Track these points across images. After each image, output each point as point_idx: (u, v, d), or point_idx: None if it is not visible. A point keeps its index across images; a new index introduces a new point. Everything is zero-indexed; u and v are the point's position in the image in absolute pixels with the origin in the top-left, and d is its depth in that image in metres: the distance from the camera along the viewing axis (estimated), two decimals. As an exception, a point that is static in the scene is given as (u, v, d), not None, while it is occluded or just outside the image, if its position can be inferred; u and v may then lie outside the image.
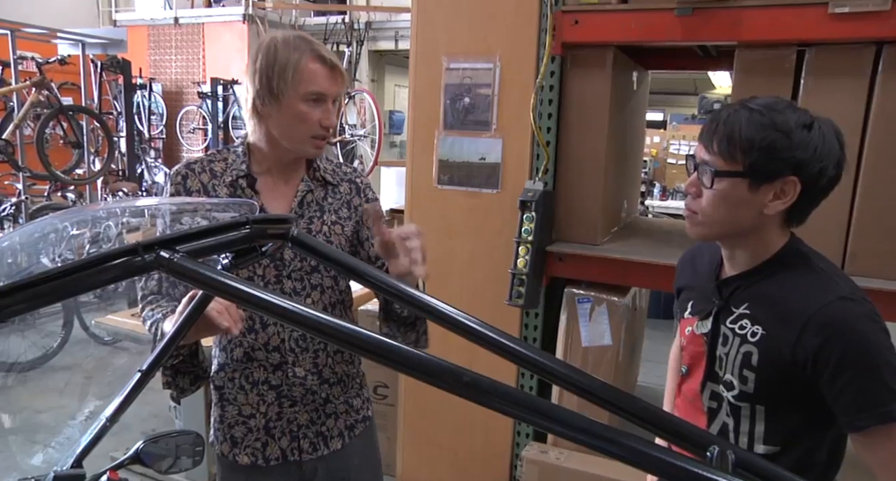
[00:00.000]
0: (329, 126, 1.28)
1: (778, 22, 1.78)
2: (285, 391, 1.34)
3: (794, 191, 1.03)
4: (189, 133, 8.23)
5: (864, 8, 1.71)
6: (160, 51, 8.67)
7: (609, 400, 0.55)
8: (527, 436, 2.34)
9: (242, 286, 0.53)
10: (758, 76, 1.90)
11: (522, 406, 0.47)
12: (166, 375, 1.21)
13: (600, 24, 1.97)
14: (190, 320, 0.95)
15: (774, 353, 1.05)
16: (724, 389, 1.14)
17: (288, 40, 1.25)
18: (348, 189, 1.43)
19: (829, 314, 1.00)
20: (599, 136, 2.10)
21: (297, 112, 1.25)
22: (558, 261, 2.15)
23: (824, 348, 0.99)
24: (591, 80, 2.08)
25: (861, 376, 0.98)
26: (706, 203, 1.07)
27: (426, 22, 2.24)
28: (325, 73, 1.25)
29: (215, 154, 1.35)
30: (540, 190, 2.05)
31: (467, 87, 2.20)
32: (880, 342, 0.99)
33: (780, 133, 1.00)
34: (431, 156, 2.30)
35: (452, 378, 0.49)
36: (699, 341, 1.19)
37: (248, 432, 1.35)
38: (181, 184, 1.31)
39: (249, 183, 1.32)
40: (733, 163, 1.03)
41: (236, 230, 0.61)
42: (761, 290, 1.10)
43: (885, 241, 1.80)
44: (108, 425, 1.11)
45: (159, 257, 0.54)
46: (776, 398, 1.09)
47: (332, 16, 7.96)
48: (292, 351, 1.32)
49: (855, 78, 1.80)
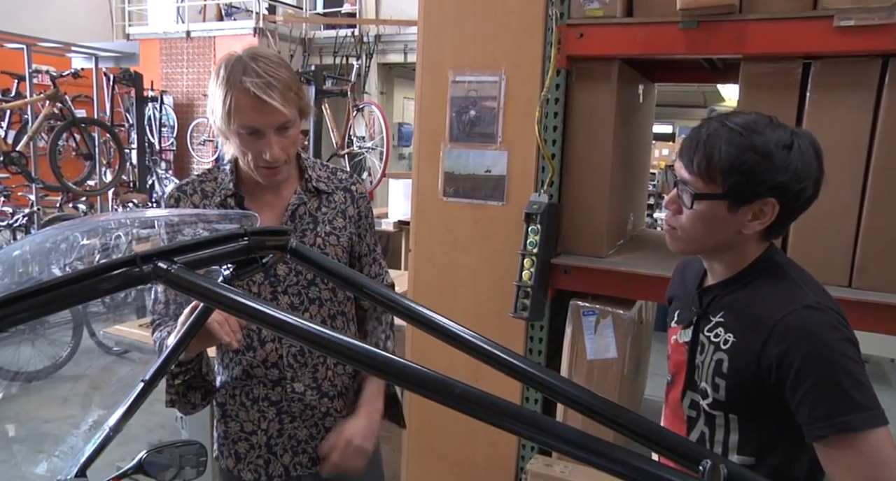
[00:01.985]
0: (271, 159, 1.22)
1: (783, 35, 1.79)
2: (285, 407, 1.33)
3: (772, 211, 1.03)
4: (199, 145, 8.31)
5: (869, 21, 1.71)
6: (172, 64, 8.79)
7: (599, 412, 0.55)
8: (532, 449, 2.32)
9: (239, 297, 0.54)
10: (763, 89, 1.89)
11: (512, 417, 0.47)
12: (171, 393, 1.21)
13: (605, 38, 1.98)
14: (192, 331, 0.95)
15: (742, 360, 1.06)
16: (700, 397, 1.15)
17: (229, 64, 1.20)
18: (343, 197, 1.41)
19: (792, 322, 1.00)
20: (605, 149, 2.10)
21: (237, 143, 1.22)
22: (563, 273, 2.15)
23: (786, 355, 0.99)
24: (596, 93, 2.09)
25: (820, 385, 0.97)
26: (686, 221, 1.08)
27: (432, 36, 2.26)
28: (253, 106, 1.18)
29: (206, 174, 1.35)
30: (545, 202, 2.05)
31: (473, 100, 2.22)
32: (842, 351, 0.98)
33: (759, 155, 1.00)
34: (437, 169, 2.31)
35: (445, 389, 0.49)
36: (681, 350, 1.20)
37: (250, 449, 1.35)
38: (175, 207, 1.31)
39: (238, 201, 1.30)
40: (713, 185, 1.03)
41: (234, 242, 0.62)
42: (735, 299, 1.11)
43: (892, 256, 1.78)
44: (111, 435, 1.12)
45: (157, 268, 0.55)
46: (747, 406, 1.08)
47: (342, 29, 8.05)
48: (291, 366, 1.32)
49: (861, 91, 1.80)
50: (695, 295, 1.18)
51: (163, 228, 0.93)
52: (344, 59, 7.77)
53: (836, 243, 1.82)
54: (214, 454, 1.40)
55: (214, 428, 1.40)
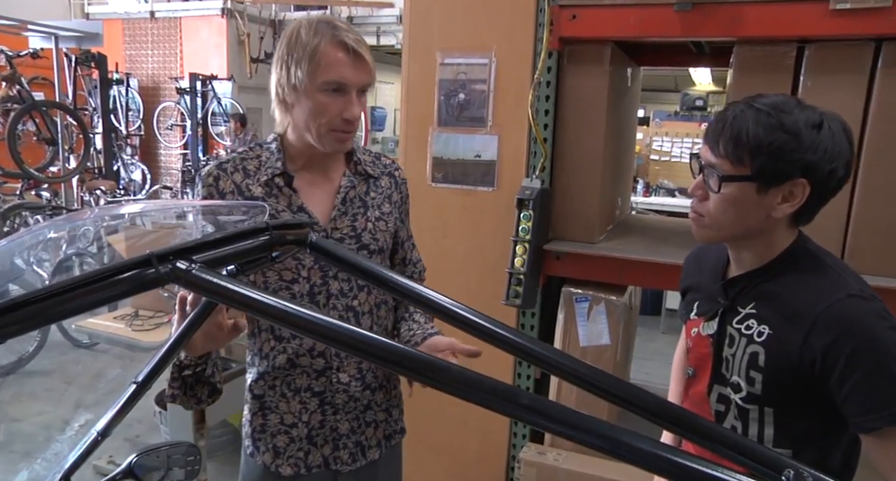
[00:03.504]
0: (351, 118, 1.19)
1: (778, 18, 1.76)
2: (328, 397, 1.30)
3: (803, 193, 1.00)
4: (166, 130, 8.08)
5: (865, 4, 1.70)
6: (136, 45, 8.50)
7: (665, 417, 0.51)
8: (523, 437, 2.31)
9: (276, 302, 0.48)
10: (757, 73, 1.88)
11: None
12: (174, 388, 1.14)
13: (599, 19, 1.94)
14: (191, 329, 0.89)
15: (781, 353, 1.03)
16: (731, 391, 1.12)
17: (311, 24, 1.17)
18: (388, 183, 1.38)
19: (838, 312, 0.98)
20: (597, 133, 2.07)
21: (316, 103, 1.17)
22: (556, 260, 2.12)
23: (833, 347, 0.97)
24: (588, 77, 2.05)
25: (871, 376, 0.95)
26: (713, 207, 1.04)
27: (419, 16, 2.19)
28: (346, 61, 1.16)
29: (247, 151, 1.28)
30: (538, 188, 2.02)
31: (462, 83, 2.16)
32: (891, 340, 0.96)
33: (788, 135, 0.97)
34: (425, 154, 2.25)
35: (511, 397, 0.45)
36: (705, 343, 1.17)
37: (290, 442, 1.31)
38: (213, 186, 1.23)
39: (286, 181, 1.25)
40: (741, 167, 1.00)
41: (256, 237, 0.56)
42: (768, 289, 1.07)
43: (884, 238, 1.79)
44: (99, 439, 1.05)
45: (176, 269, 0.49)
46: (784, 400, 1.06)
47: (313, 10, 7.86)
48: (337, 355, 1.29)
49: (854, 74, 1.79)
50: (719, 286, 1.15)
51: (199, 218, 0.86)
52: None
53: (829, 227, 1.82)
54: (248, 450, 1.34)
55: (248, 423, 1.34)
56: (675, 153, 7.21)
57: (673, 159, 7.19)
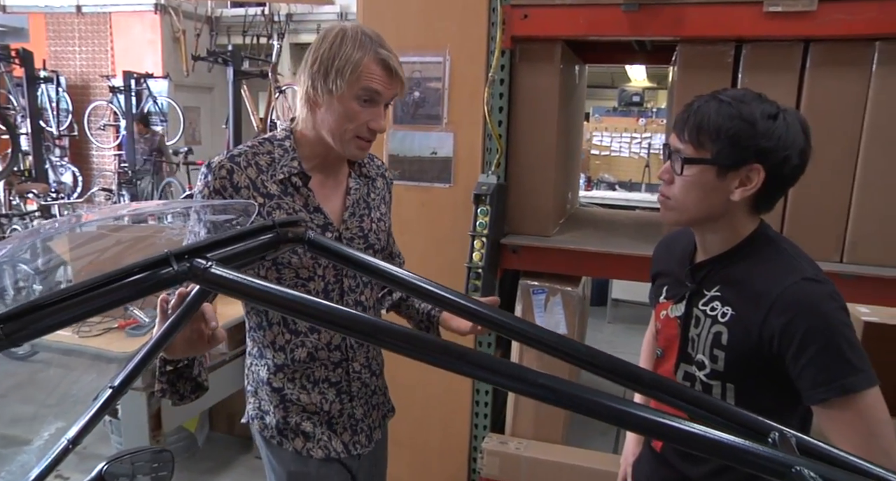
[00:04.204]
0: (377, 129, 1.25)
1: (718, 19, 1.87)
2: (344, 387, 1.36)
3: (758, 178, 1.08)
4: (98, 130, 7.74)
5: (794, 8, 1.82)
6: (61, 41, 8.10)
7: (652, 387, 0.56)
8: (484, 428, 2.36)
9: (290, 294, 0.50)
10: (699, 71, 1.98)
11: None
12: (162, 382, 1.14)
13: (549, 19, 2.00)
14: (171, 333, 0.88)
15: (743, 332, 1.10)
16: (696, 369, 1.19)
17: (357, 35, 1.20)
18: (382, 184, 1.45)
19: (794, 294, 1.06)
20: (550, 129, 2.13)
21: (347, 109, 1.21)
22: (512, 253, 2.18)
23: (789, 326, 1.05)
24: (540, 74, 2.11)
25: (823, 352, 1.03)
26: (678, 190, 1.13)
27: (373, 14, 2.20)
28: (384, 76, 1.21)
29: (257, 146, 1.27)
30: (494, 183, 2.06)
31: (417, 81, 2.18)
32: (840, 320, 1.05)
33: (745, 123, 1.05)
34: (381, 151, 2.26)
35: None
36: (673, 324, 1.24)
37: (314, 427, 1.35)
38: (227, 179, 1.22)
39: (304, 181, 1.27)
40: (702, 151, 1.09)
41: (263, 235, 0.57)
42: (731, 273, 1.15)
43: (812, 231, 1.92)
44: (69, 448, 1.03)
45: (193, 267, 0.50)
46: (745, 376, 1.14)
47: (251, 7, 7.68)
48: (352, 347, 1.35)
49: (787, 73, 1.91)
50: (687, 270, 1.22)
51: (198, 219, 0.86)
52: (255, 39, 7.43)
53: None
54: (275, 441, 1.36)
55: (268, 415, 1.35)
56: (614, 148, 7.42)
57: (613, 154, 7.40)
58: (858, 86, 1.85)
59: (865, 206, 1.89)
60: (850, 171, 1.89)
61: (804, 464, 0.45)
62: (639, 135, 7.24)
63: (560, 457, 2.16)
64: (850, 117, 1.87)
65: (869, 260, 1.90)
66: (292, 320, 1.30)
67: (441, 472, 2.43)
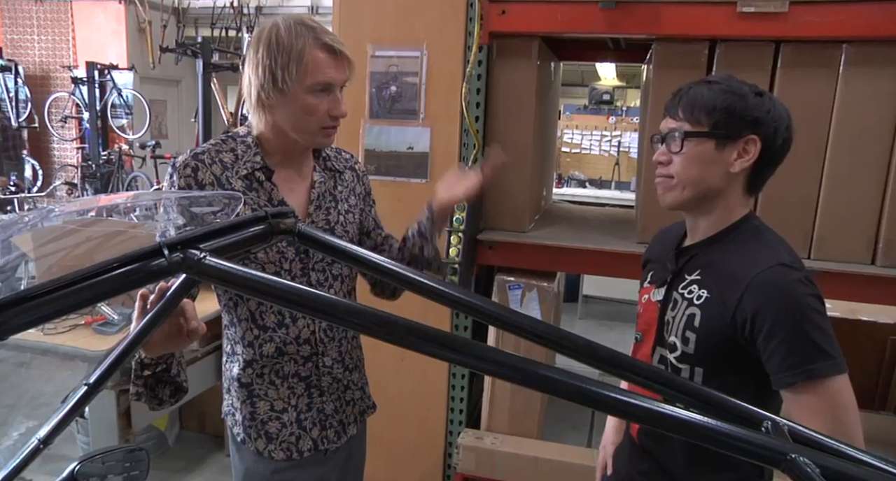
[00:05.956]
0: (339, 115, 1.24)
1: (693, 18, 1.90)
2: (314, 381, 1.35)
3: (755, 148, 1.12)
4: (60, 122, 7.51)
5: (766, 9, 1.86)
6: (18, 29, 7.83)
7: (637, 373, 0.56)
8: (459, 424, 2.36)
9: (286, 285, 0.49)
10: (674, 69, 2.00)
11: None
12: (138, 385, 1.10)
13: (527, 15, 2.01)
14: (149, 329, 0.86)
15: (716, 315, 1.12)
16: (668, 352, 1.20)
17: (290, 27, 1.18)
18: (351, 176, 1.44)
19: (767, 278, 1.08)
20: (527, 125, 2.14)
21: (304, 104, 1.20)
22: (489, 249, 2.18)
23: (762, 309, 1.07)
24: (518, 70, 2.11)
25: (792, 336, 1.05)
26: (679, 166, 1.15)
27: (350, 8, 2.18)
28: (331, 61, 1.19)
29: (220, 144, 1.27)
30: (471, 179, 2.06)
31: (394, 76, 2.17)
32: (811, 305, 1.07)
33: (736, 96, 1.11)
34: (357, 146, 2.24)
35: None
36: (653, 307, 1.25)
37: (281, 427, 1.34)
38: (192, 177, 1.21)
39: (267, 176, 1.26)
40: (699, 126, 1.13)
41: (256, 226, 0.56)
42: (712, 258, 1.18)
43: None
44: (40, 447, 1.00)
45: (187, 258, 0.48)
46: (714, 360, 1.15)
47: (219, -2, 7.52)
48: (321, 341, 1.33)
49: (758, 72, 1.95)
50: (672, 254, 1.24)
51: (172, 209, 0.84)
52: (223, 32, 7.28)
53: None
54: (239, 437, 1.34)
55: (237, 411, 1.34)
56: (584, 145, 7.50)
57: (583, 151, 7.48)
58: (826, 86, 1.90)
59: (832, 204, 1.94)
60: (818, 169, 1.94)
61: (799, 452, 0.46)
62: (609, 133, 7.33)
63: (535, 452, 2.18)
64: (818, 117, 1.92)
65: (835, 256, 1.95)
66: (260, 316, 1.29)
67: (416, 468, 2.42)
